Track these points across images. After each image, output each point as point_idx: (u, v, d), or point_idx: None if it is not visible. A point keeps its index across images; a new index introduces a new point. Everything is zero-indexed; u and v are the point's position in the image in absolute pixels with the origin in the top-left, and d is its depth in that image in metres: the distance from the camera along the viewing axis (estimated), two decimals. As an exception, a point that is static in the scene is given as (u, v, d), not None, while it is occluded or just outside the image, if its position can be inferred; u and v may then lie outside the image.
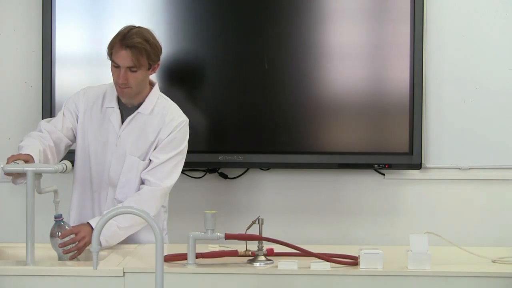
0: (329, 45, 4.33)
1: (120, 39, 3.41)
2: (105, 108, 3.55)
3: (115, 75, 3.44)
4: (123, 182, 3.50)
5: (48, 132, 3.50)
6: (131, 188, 3.49)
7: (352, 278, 2.97)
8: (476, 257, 3.16)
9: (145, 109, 3.51)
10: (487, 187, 4.44)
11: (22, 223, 3.05)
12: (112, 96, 3.54)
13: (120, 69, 3.42)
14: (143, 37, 3.42)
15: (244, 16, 4.33)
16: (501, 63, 4.40)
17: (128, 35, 3.40)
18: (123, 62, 3.40)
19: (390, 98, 4.31)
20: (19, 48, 4.42)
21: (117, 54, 3.40)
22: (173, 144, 3.50)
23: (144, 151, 3.50)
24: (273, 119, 4.31)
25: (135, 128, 3.51)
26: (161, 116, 3.51)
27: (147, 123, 3.50)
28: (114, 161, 3.50)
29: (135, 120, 3.51)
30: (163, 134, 3.50)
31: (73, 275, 2.94)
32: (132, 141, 3.50)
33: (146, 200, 3.42)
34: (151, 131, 3.50)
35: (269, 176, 4.39)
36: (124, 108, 3.53)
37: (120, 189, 3.50)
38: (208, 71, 4.27)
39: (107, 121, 3.52)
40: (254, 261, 3.06)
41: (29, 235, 2.99)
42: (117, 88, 3.48)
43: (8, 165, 3.11)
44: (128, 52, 3.39)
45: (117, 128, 3.51)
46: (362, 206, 4.46)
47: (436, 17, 4.37)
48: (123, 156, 3.50)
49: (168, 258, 3.05)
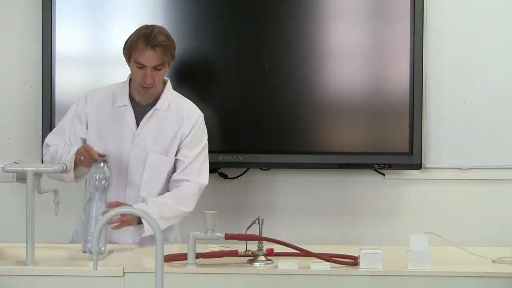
0: (329, 45, 4.33)
1: (145, 39, 3.43)
2: (116, 107, 3.55)
3: (139, 75, 3.45)
4: (146, 179, 3.52)
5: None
6: (155, 185, 3.52)
7: (352, 278, 2.97)
8: (476, 257, 3.16)
9: (162, 105, 3.54)
10: (487, 187, 4.44)
11: (22, 223, 3.05)
12: (123, 95, 3.55)
13: (145, 70, 3.44)
14: (165, 35, 3.47)
15: (244, 16, 4.33)
16: (501, 63, 4.39)
17: (152, 35, 3.43)
18: (149, 62, 3.43)
19: (390, 98, 4.31)
20: (19, 48, 4.41)
21: (143, 55, 3.42)
22: (196, 139, 3.55)
23: (165, 147, 3.53)
24: (273, 119, 4.31)
25: (154, 125, 3.53)
26: (177, 111, 3.55)
27: (164, 119, 3.53)
28: (132, 159, 3.50)
29: (154, 117, 3.53)
30: (185, 130, 3.54)
31: (73, 275, 2.94)
32: (152, 138, 3.52)
33: (187, 196, 3.49)
34: (170, 127, 3.53)
35: (269, 176, 4.38)
36: (136, 106, 3.55)
37: (143, 187, 3.52)
38: (208, 71, 4.27)
39: (121, 120, 3.54)
40: (254, 261, 3.06)
41: (29, 235, 3.00)
42: (139, 88, 3.50)
43: (8, 165, 3.12)
44: (155, 52, 3.42)
45: (133, 126, 3.53)
46: (362, 206, 4.46)
47: (436, 17, 4.37)
48: (144, 153, 3.51)
49: (168, 258, 3.05)
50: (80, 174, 3.43)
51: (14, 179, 4.39)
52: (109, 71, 4.32)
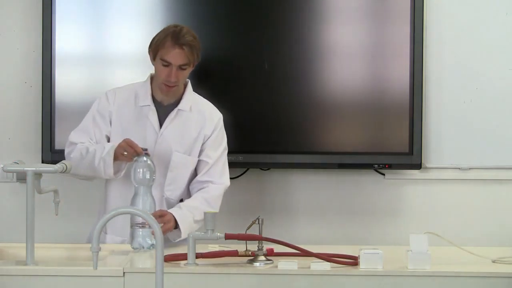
0: (329, 45, 4.33)
1: (173, 37, 3.46)
2: (139, 106, 3.58)
3: (164, 73, 3.49)
4: (170, 179, 3.55)
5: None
6: (179, 184, 3.56)
7: (352, 278, 2.97)
8: (476, 257, 3.16)
9: (185, 105, 3.58)
10: (487, 187, 4.44)
11: (22, 223, 3.05)
12: (146, 94, 3.58)
13: (170, 68, 3.47)
14: (193, 36, 3.52)
15: (243, 16, 4.33)
16: (501, 63, 4.39)
17: (181, 34, 3.47)
18: (176, 60, 3.46)
19: (390, 98, 4.31)
20: (19, 48, 4.41)
21: (170, 53, 3.46)
22: (219, 140, 3.63)
23: (188, 147, 3.57)
24: (273, 119, 4.31)
25: (177, 125, 3.57)
26: (198, 112, 3.60)
27: (187, 119, 3.58)
28: (156, 158, 3.51)
29: (177, 117, 3.57)
30: (207, 130, 3.59)
31: (73, 275, 2.94)
32: (175, 138, 3.55)
33: (215, 198, 3.56)
34: (193, 127, 3.58)
35: (269, 176, 4.39)
36: (158, 106, 3.57)
37: (167, 187, 3.55)
38: (208, 71, 4.27)
39: (144, 119, 3.56)
40: (254, 261, 3.06)
41: (29, 235, 2.99)
42: (162, 86, 3.53)
43: (8, 165, 3.12)
44: (183, 51, 3.46)
45: (156, 126, 3.55)
46: (362, 206, 4.46)
47: (436, 17, 4.37)
48: (167, 153, 3.55)
49: (168, 258, 3.05)
50: (120, 168, 3.48)
51: (14, 179, 4.39)
52: (109, 71, 4.32)
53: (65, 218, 4.27)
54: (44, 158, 4.27)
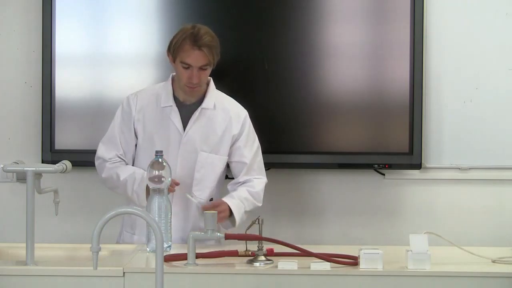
0: (329, 45, 4.33)
1: (192, 39, 3.44)
2: (161, 107, 3.56)
3: (186, 75, 3.47)
4: (198, 179, 3.55)
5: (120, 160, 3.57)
6: (207, 184, 3.56)
7: (352, 278, 2.97)
8: (476, 257, 3.16)
9: (208, 104, 3.56)
10: (487, 187, 4.44)
11: (22, 223, 3.05)
12: (168, 95, 3.56)
13: (191, 70, 3.46)
14: (212, 35, 3.49)
15: (243, 16, 4.33)
16: (501, 63, 4.39)
17: (199, 35, 3.44)
18: (196, 62, 3.45)
19: (390, 98, 4.31)
20: (19, 48, 4.41)
21: (190, 56, 3.44)
22: (251, 138, 3.63)
23: (215, 145, 3.57)
24: (273, 119, 4.31)
25: (202, 124, 3.56)
26: (222, 109, 3.59)
27: (212, 118, 3.57)
28: (181, 159, 3.52)
29: (201, 116, 3.56)
30: (235, 130, 3.59)
31: (73, 275, 2.94)
32: (200, 137, 3.55)
33: (259, 192, 3.61)
34: (218, 126, 3.57)
35: (269, 176, 4.37)
36: (181, 106, 3.56)
37: (195, 186, 3.55)
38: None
39: (166, 120, 3.55)
40: (254, 261, 3.06)
41: (29, 235, 2.99)
42: (185, 88, 3.51)
43: (8, 165, 3.12)
44: (202, 52, 3.44)
45: (179, 126, 3.54)
46: (362, 206, 4.46)
47: (436, 17, 4.37)
48: (193, 153, 3.54)
49: (168, 258, 3.05)
50: None
51: (14, 179, 4.39)
52: (109, 71, 4.32)
53: (65, 218, 4.27)
54: (44, 158, 4.27)
